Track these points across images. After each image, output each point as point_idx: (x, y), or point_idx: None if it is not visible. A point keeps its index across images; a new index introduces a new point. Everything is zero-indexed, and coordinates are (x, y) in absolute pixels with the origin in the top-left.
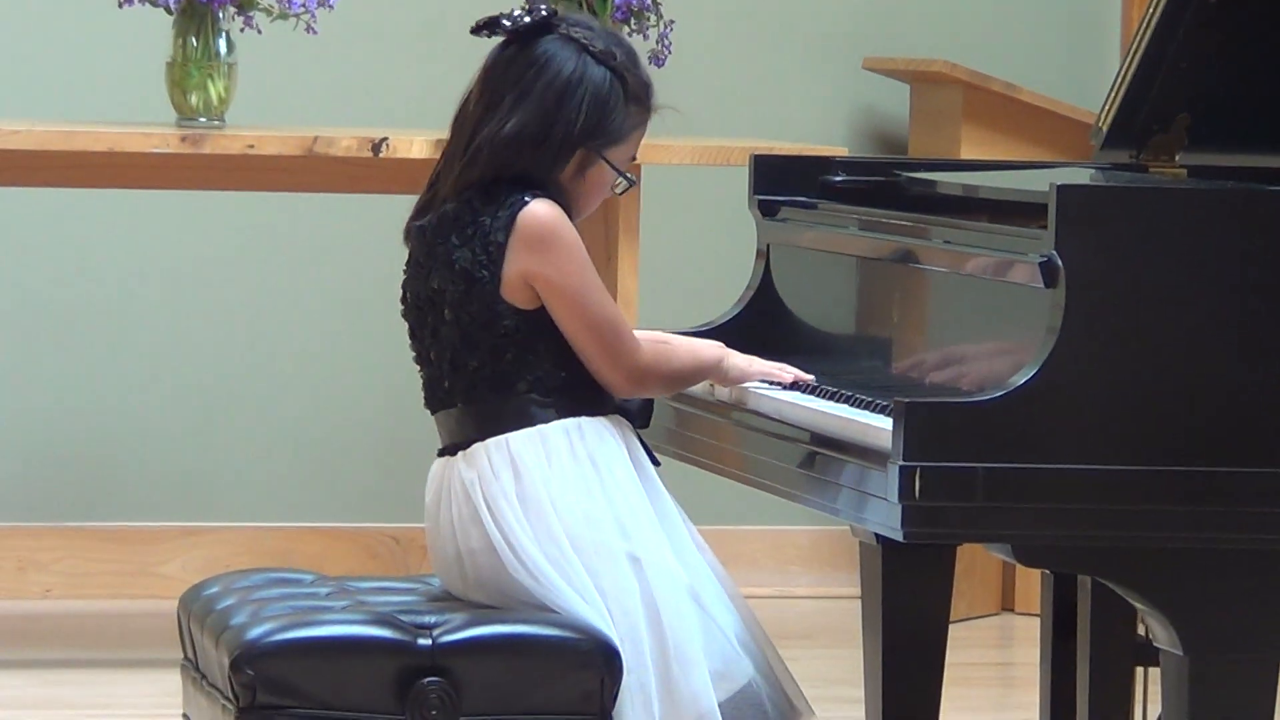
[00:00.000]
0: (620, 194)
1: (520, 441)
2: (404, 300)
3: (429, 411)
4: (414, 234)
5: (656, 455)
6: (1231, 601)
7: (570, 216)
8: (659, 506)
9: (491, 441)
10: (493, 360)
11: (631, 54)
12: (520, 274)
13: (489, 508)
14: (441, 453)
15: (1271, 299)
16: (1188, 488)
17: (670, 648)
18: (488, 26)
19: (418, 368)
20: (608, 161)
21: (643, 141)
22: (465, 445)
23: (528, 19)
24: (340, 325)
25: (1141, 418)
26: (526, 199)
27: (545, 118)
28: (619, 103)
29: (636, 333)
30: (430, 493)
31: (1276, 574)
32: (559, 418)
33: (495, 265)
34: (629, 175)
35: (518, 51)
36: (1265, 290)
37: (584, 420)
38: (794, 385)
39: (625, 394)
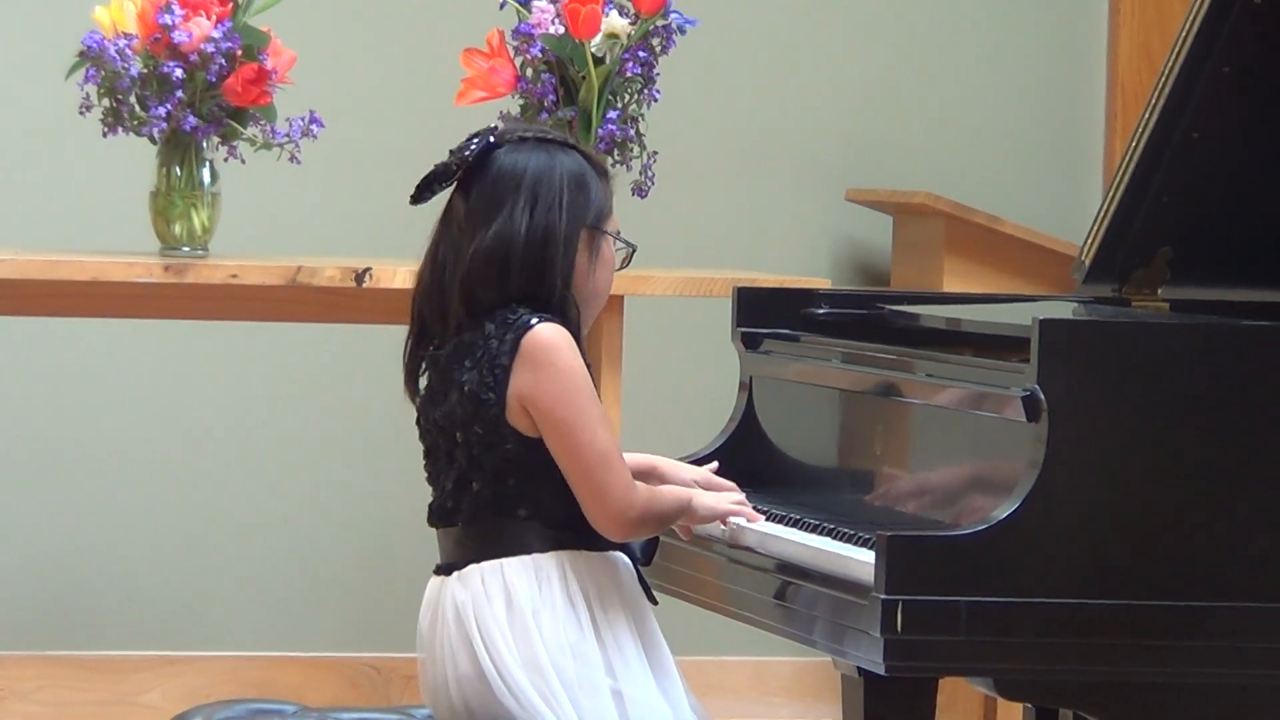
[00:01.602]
0: (625, 266)
1: (514, 568)
2: (418, 424)
3: (431, 527)
4: (429, 362)
5: (655, 594)
6: None
7: (593, 309)
8: (650, 645)
9: (487, 565)
10: (495, 483)
11: (579, 141)
12: (518, 397)
13: (480, 631)
14: (438, 571)
15: (1253, 434)
16: (1170, 622)
17: None
18: (430, 182)
19: (429, 487)
20: (609, 234)
21: (625, 272)
22: (461, 565)
23: (472, 146)
24: (322, 455)
25: (1123, 552)
26: (533, 321)
27: (535, 215)
28: (593, 176)
29: (628, 456)
30: (425, 614)
31: (1258, 709)
32: (556, 549)
33: (500, 388)
34: (630, 242)
35: (481, 180)
36: (1247, 425)
37: (581, 554)
38: (767, 516)
39: (614, 536)
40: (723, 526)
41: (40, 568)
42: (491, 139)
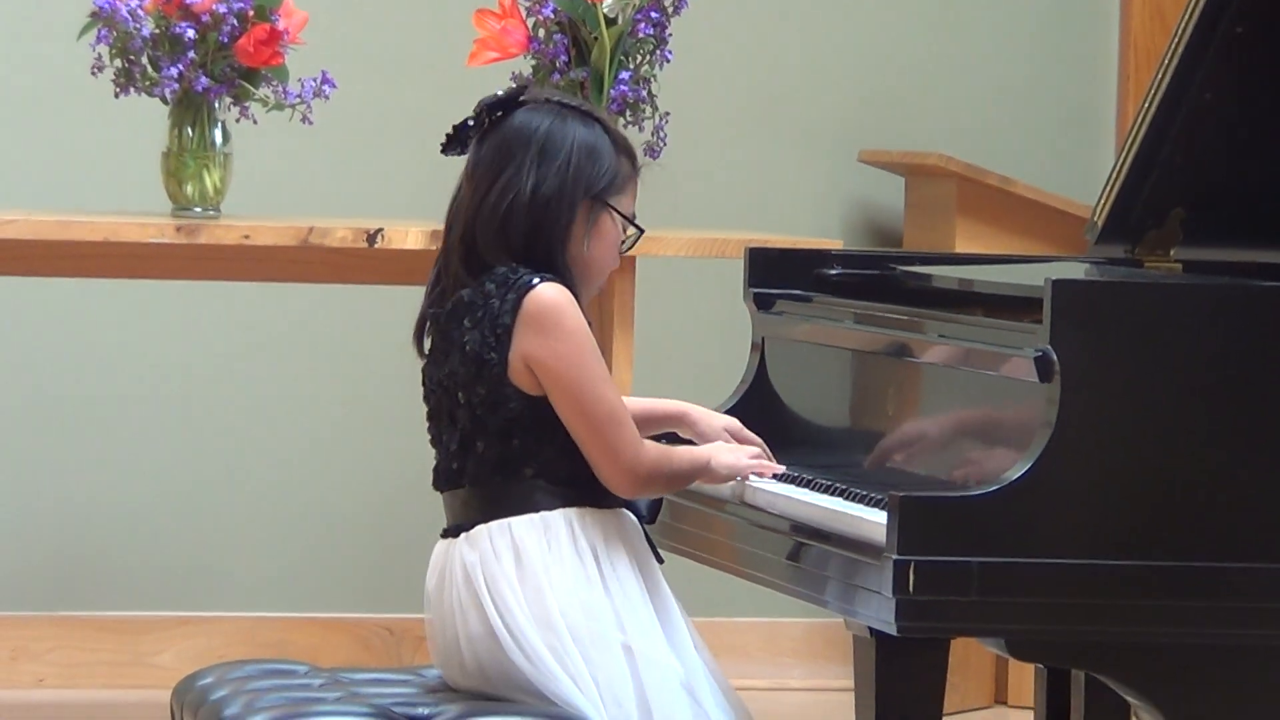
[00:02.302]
0: (627, 251)
1: (522, 526)
2: (423, 385)
3: (437, 492)
4: (431, 321)
5: (661, 552)
6: (1224, 696)
7: (588, 281)
8: (659, 602)
9: (495, 524)
10: (500, 443)
11: (607, 117)
12: (522, 357)
13: (489, 589)
14: (445, 534)
15: (1265, 394)
16: (1182, 582)
17: None
18: (458, 134)
19: (433, 450)
20: (614, 209)
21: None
22: (469, 527)
23: (494, 100)
24: (334, 415)
25: (1135, 512)
26: (535, 281)
27: (536, 175)
28: (609, 150)
29: (659, 401)
30: (432, 577)
31: (1270, 669)
32: (563, 506)
33: (503, 348)
34: (637, 224)
35: (496, 134)
36: (1259, 386)
37: (588, 511)
38: (780, 476)
39: (625, 493)
40: (739, 481)
41: (52, 528)
42: (518, 97)
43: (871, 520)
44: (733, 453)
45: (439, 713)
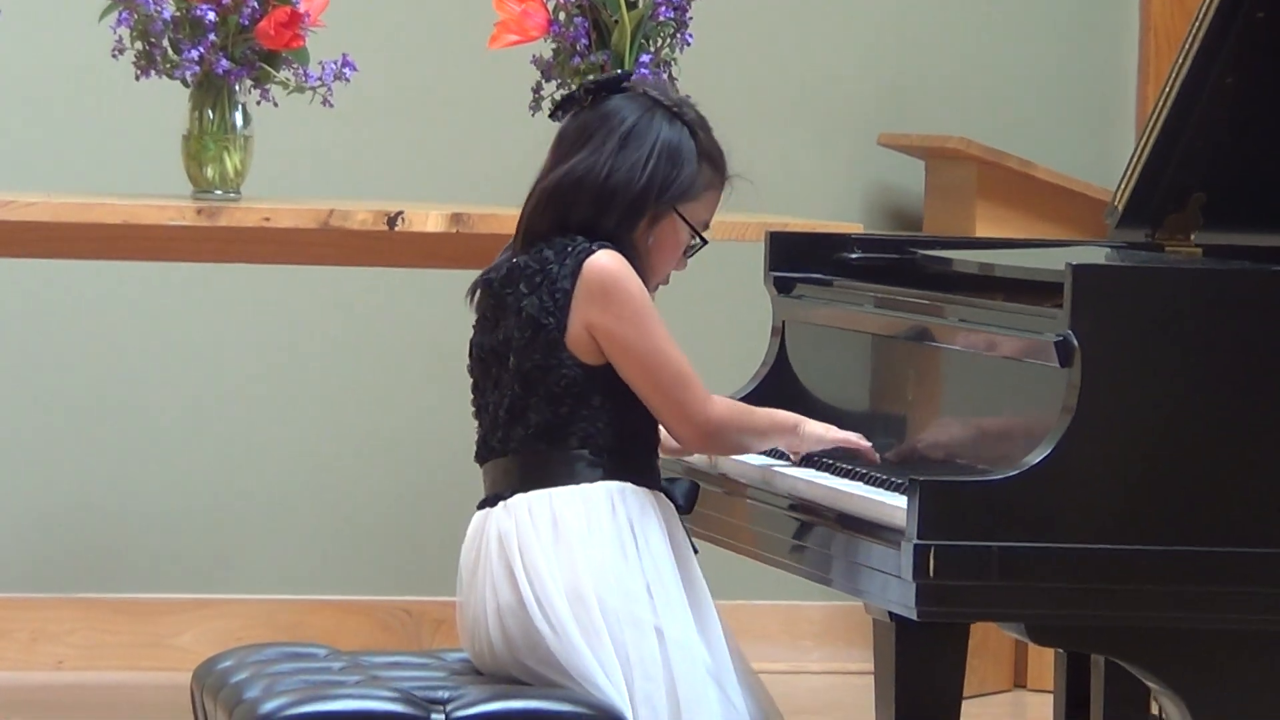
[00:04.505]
0: (689, 257)
1: (562, 498)
2: (470, 355)
3: (478, 464)
4: (482, 287)
5: (695, 543)
6: (1243, 681)
7: (648, 282)
8: (691, 588)
9: (535, 494)
10: (549, 410)
11: (704, 118)
12: (584, 324)
13: (523, 557)
14: (482, 505)
15: None
16: (1201, 567)
17: None
18: (563, 104)
19: (476, 423)
20: (681, 216)
21: None
22: (507, 495)
23: (599, 80)
24: (354, 398)
25: (1155, 497)
26: (594, 248)
27: (613, 164)
28: (691, 156)
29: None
30: (469, 552)
31: None
32: (604, 479)
33: (561, 313)
34: (703, 235)
35: (587, 112)
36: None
37: (629, 487)
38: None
39: (697, 448)
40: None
41: (71, 510)
42: (620, 77)
43: (891, 504)
44: (823, 425)
45: (460, 696)
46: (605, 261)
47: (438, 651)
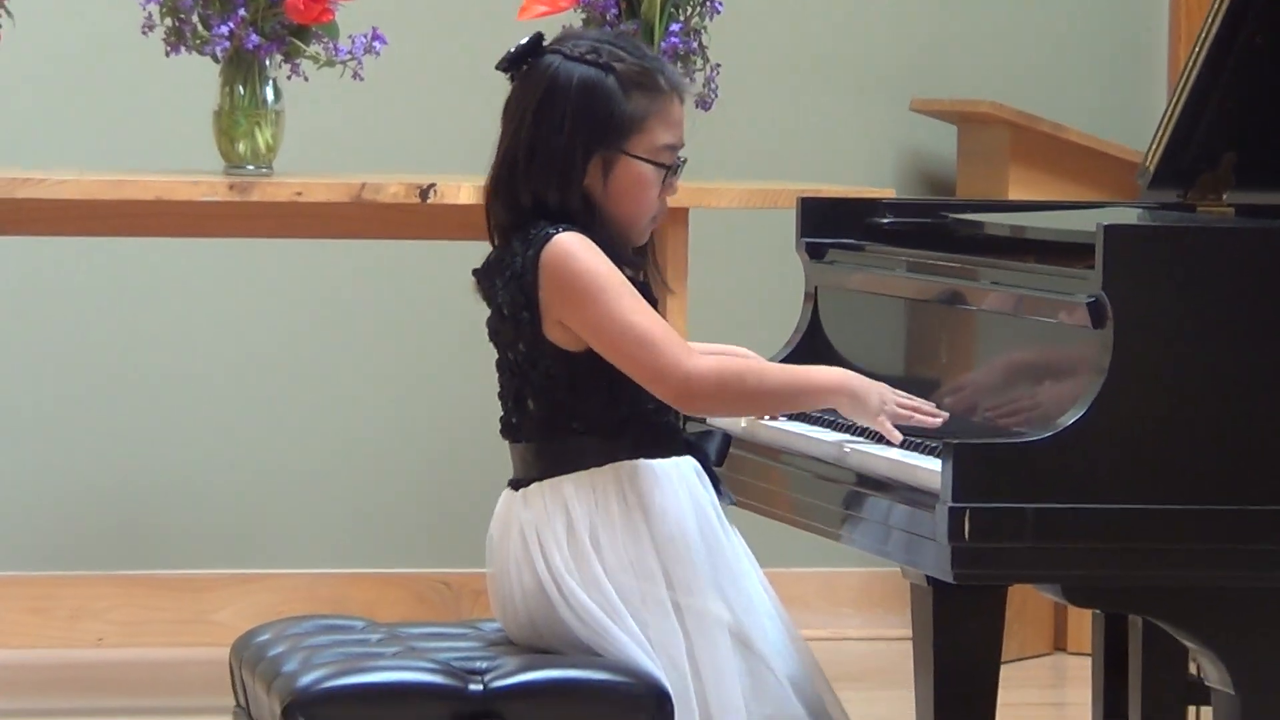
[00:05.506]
0: (675, 180)
1: (571, 487)
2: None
3: (505, 440)
4: (476, 278)
5: (728, 492)
6: None
7: (626, 231)
8: (718, 545)
9: (548, 483)
10: (546, 399)
11: (625, 46)
12: (553, 315)
13: (541, 550)
14: (510, 485)
15: None
16: (1238, 526)
17: (711, 699)
18: (502, 63)
19: (498, 401)
20: (631, 155)
21: (689, 184)
22: (526, 483)
23: (521, 45)
24: (389, 371)
25: (1190, 456)
26: (551, 233)
27: (532, 135)
28: (614, 92)
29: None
30: (496, 525)
31: None
32: (615, 460)
33: (533, 307)
34: (662, 161)
35: (516, 82)
36: None
37: (640, 464)
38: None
39: (684, 408)
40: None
41: (111, 488)
42: (533, 41)
43: (926, 468)
44: (880, 393)
45: (498, 666)
46: (558, 249)
47: (475, 622)
